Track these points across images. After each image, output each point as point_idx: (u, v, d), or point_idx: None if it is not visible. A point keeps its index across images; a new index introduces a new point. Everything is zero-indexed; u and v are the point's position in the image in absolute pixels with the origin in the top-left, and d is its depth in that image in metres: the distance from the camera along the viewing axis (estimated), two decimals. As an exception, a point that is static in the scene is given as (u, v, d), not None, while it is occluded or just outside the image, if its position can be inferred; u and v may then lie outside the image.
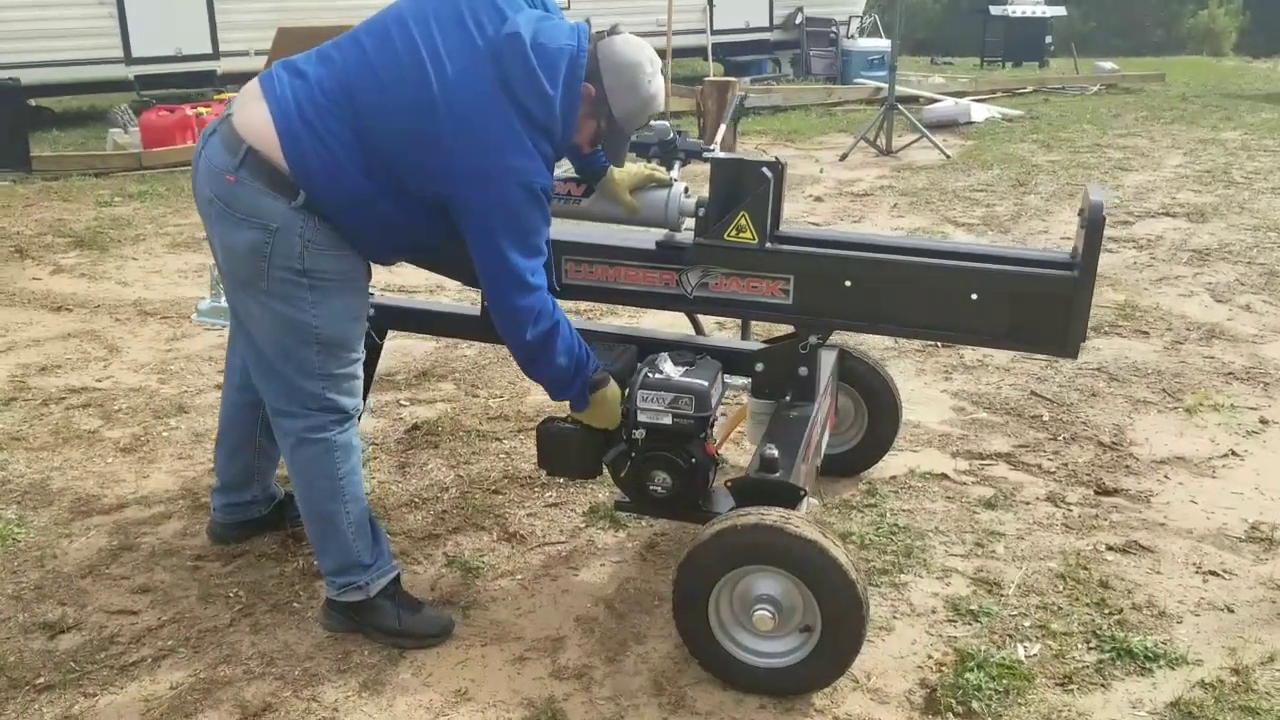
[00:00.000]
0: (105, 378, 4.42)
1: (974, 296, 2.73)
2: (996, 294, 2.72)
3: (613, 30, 2.55)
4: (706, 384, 2.67)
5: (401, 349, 4.74)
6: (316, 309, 2.45)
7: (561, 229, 3.09)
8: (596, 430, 2.74)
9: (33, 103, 12.90)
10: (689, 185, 2.92)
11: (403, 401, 4.20)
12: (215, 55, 12.27)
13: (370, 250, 2.55)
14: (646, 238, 2.95)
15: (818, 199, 8.05)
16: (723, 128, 4.17)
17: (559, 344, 2.54)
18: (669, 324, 4.15)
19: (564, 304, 4.54)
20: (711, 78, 9.75)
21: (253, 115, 2.36)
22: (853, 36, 16.74)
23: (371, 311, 3.22)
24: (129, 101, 11.55)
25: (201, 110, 9.55)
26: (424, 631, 2.69)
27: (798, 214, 7.56)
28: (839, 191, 8.33)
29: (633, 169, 2.88)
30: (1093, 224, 2.55)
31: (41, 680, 2.51)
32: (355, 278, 2.53)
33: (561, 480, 3.42)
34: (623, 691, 2.53)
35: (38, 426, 3.92)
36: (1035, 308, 2.70)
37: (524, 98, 2.34)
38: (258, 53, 11.06)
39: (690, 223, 2.89)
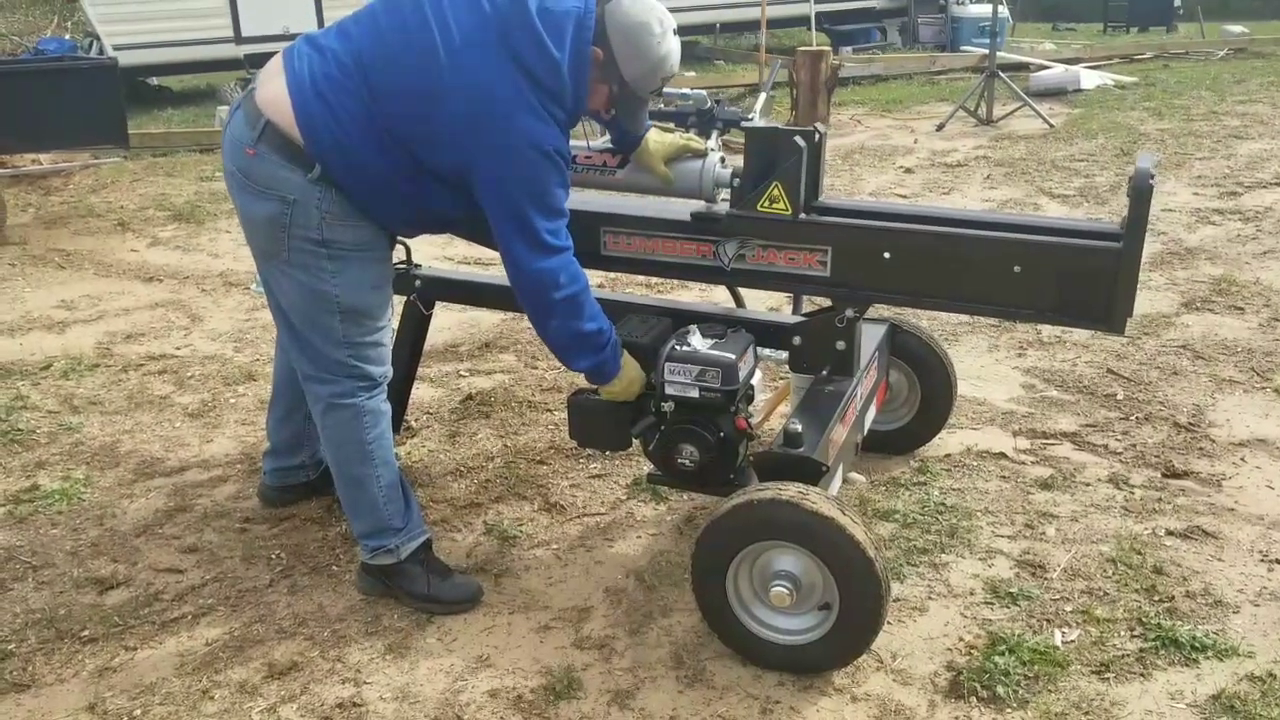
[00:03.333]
0: (185, 345, 4.59)
1: (1017, 269, 2.62)
2: (1040, 266, 2.60)
3: None
4: (734, 357, 2.63)
5: (470, 320, 4.81)
6: (337, 278, 2.48)
7: (599, 200, 3.09)
8: (626, 402, 2.72)
9: (154, 82, 13.46)
10: (725, 155, 2.88)
11: (463, 372, 4.26)
12: (321, 33, 12.54)
13: (387, 221, 2.57)
14: (684, 209, 2.91)
15: (908, 170, 7.85)
16: (762, 97, 4.07)
17: (587, 309, 2.52)
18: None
19: (602, 274, 4.55)
20: (804, 48, 9.56)
21: (272, 90, 2.41)
22: (963, 2, 16.21)
23: (418, 283, 3.28)
24: (237, 79, 11.93)
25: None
26: (452, 597, 2.73)
27: (885, 186, 7.39)
28: (932, 162, 8.11)
29: (668, 139, 2.84)
30: (1138, 193, 2.42)
31: (87, 633, 2.63)
32: (374, 248, 2.55)
33: (606, 453, 3.43)
34: (642, 663, 2.53)
35: (115, 391, 4.09)
36: (1080, 281, 2.58)
37: (530, 62, 2.32)
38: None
39: (727, 194, 2.85)
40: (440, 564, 2.80)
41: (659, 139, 2.83)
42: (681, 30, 2.57)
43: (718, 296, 4.59)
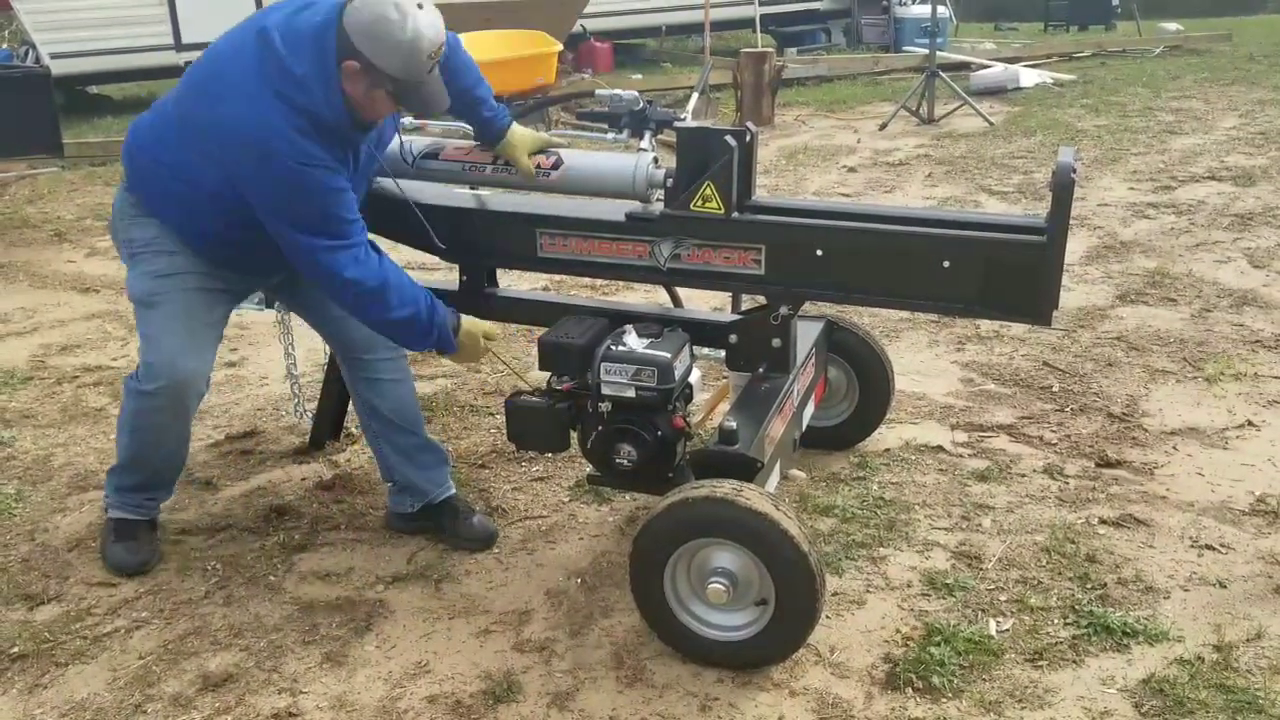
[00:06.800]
0: (121, 356, 4.51)
1: (945, 264, 2.65)
2: (968, 261, 2.64)
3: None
4: (669, 356, 2.64)
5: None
6: (131, 273, 2.78)
7: (535, 201, 3.09)
8: (563, 404, 2.72)
9: (92, 90, 13.23)
10: (658, 155, 2.88)
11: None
12: (263, 39, 12.39)
13: (175, 225, 2.71)
14: (619, 210, 2.92)
15: (851, 170, 7.92)
16: (695, 97, 4.11)
17: (393, 297, 2.58)
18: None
19: (540, 276, 4.53)
20: (747, 49, 9.62)
21: None
22: (905, 3, 16.38)
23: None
24: (178, 87, 11.75)
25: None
26: (114, 561, 2.93)
27: (829, 185, 7.45)
28: (874, 161, 8.19)
29: (530, 133, 2.92)
30: (1060, 187, 2.46)
31: (16, 650, 2.58)
32: (163, 242, 2.71)
33: (549, 455, 3.42)
34: (582, 664, 2.53)
35: (48, 404, 4.02)
36: (1006, 274, 2.61)
37: (280, 85, 2.41)
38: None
39: (661, 194, 2.86)
40: (129, 532, 2.94)
41: (522, 133, 2.90)
42: (628, 33, 2.60)
43: (661, 297, 4.60)
